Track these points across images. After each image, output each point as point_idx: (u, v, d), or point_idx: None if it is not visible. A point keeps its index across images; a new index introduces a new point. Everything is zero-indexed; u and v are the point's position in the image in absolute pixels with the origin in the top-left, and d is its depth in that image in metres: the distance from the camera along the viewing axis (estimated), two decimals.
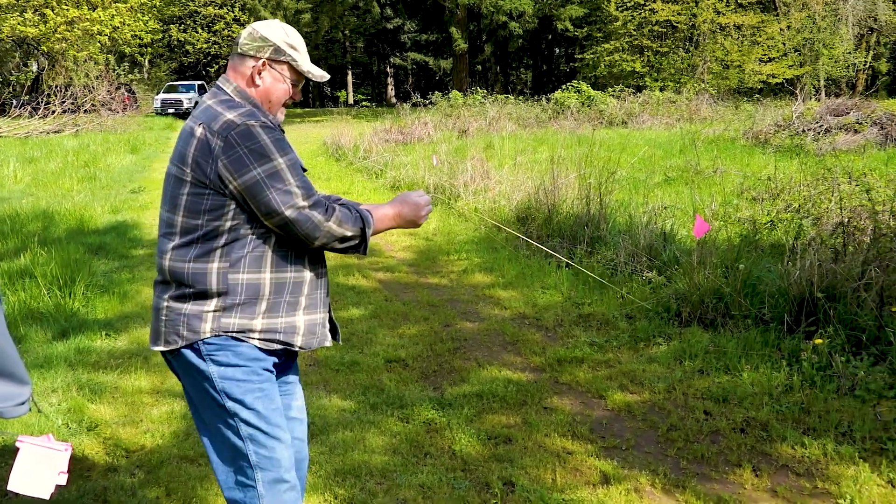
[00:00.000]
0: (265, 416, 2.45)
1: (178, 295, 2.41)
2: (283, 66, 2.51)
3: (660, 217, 7.64)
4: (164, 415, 4.39)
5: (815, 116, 15.37)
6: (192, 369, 2.45)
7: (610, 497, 3.41)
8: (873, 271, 4.95)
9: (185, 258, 2.39)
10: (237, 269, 2.39)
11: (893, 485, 3.45)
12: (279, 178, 2.32)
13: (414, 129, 20.04)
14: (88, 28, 31.64)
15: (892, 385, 4.28)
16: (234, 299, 2.39)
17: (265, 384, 2.47)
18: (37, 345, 5.51)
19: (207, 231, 2.37)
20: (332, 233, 2.38)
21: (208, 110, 2.41)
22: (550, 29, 39.61)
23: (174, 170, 2.43)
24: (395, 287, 7.12)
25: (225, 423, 2.45)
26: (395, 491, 3.51)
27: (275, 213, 2.33)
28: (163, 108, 35.15)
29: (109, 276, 7.38)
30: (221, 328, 2.39)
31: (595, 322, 5.87)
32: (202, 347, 2.41)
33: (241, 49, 2.49)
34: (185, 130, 2.44)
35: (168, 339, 2.44)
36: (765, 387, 4.46)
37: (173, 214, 2.41)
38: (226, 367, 2.41)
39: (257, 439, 2.44)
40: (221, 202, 2.35)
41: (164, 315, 2.44)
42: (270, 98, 2.51)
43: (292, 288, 2.46)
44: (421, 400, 4.50)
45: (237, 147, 2.32)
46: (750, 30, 31.62)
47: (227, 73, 2.53)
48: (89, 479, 3.66)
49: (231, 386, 2.42)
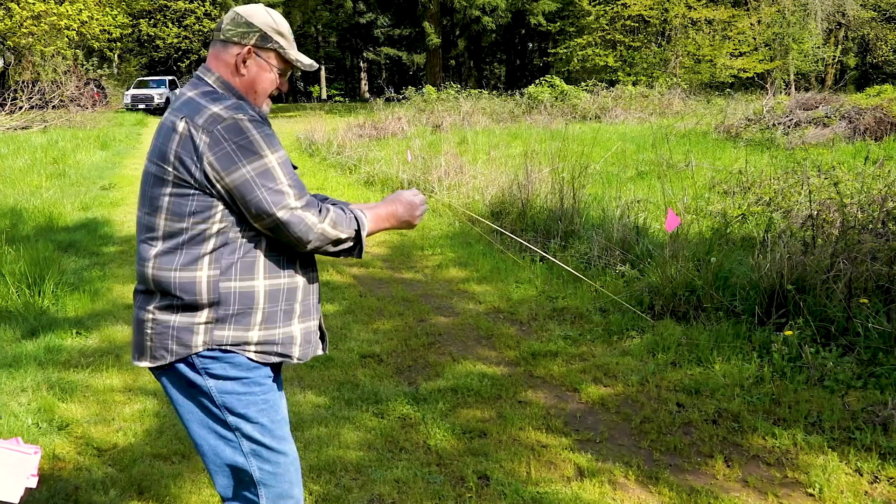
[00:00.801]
0: (270, 429, 2.30)
1: (165, 306, 2.22)
2: (269, 53, 2.32)
3: (632, 211, 7.69)
4: (136, 413, 4.35)
5: (786, 110, 15.56)
6: (186, 384, 2.27)
7: (584, 490, 3.43)
8: (841, 263, 5.02)
9: (171, 266, 2.20)
10: (229, 277, 2.20)
11: (861, 473, 3.51)
12: (270, 177, 2.15)
13: (388, 125, 20.01)
14: (55, 22, 31.28)
15: (859, 375, 4.36)
16: (228, 310, 2.21)
17: (269, 394, 2.31)
18: (5, 344, 5.43)
19: (193, 235, 2.19)
20: (326, 235, 2.21)
21: (190, 103, 2.22)
22: (524, 23, 39.69)
23: (153, 168, 2.23)
24: (370, 282, 7.10)
25: (225, 439, 2.28)
26: (370, 486, 3.51)
27: (265, 214, 2.15)
28: (133, 103, 34.83)
29: (80, 274, 7.30)
30: (215, 341, 2.21)
31: (569, 316, 5.90)
32: (196, 361, 2.23)
33: (223, 35, 2.30)
34: (164, 125, 2.24)
35: (155, 355, 2.25)
36: (736, 378, 4.51)
37: (154, 217, 2.23)
38: (224, 380, 2.24)
39: (261, 455, 2.29)
40: (208, 203, 2.17)
41: (150, 328, 2.25)
42: (256, 88, 2.34)
43: (287, 295, 2.29)
44: (396, 395, 4.50)
45: (224, 143, 2.13)
46: (721, 24, 31.90)
47: (207, 61, 2.34)
48: (60, 479, 3.62)
49: (232, 400, 2.25)
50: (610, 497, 3.37)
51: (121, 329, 5.77)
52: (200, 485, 3.53)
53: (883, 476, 3.47)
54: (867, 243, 5.13)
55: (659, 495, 3.40)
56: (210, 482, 3.50)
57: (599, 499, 3.36)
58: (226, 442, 2.29)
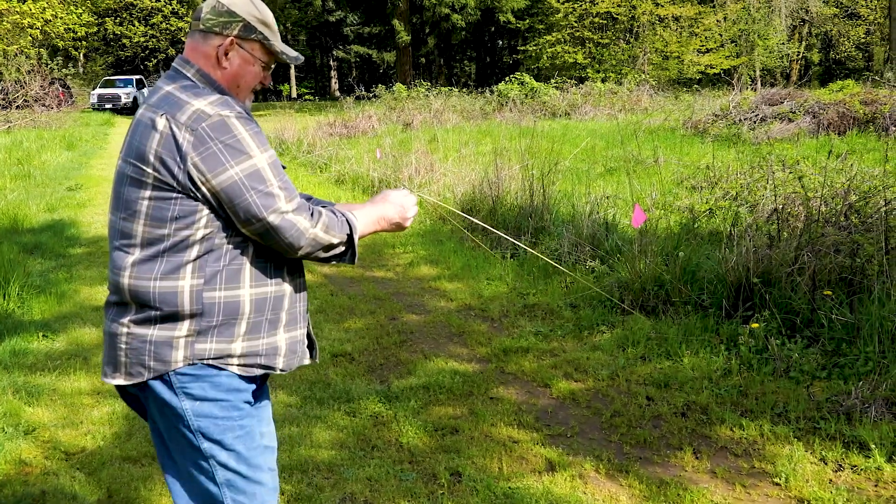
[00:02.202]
0: (246, 457, 2.13)
1: (142, 319, 2.05)
2: (253, 45, 2.16)
3: (602, 207, 7.73)
4: (104, 416, 4.31)
5: (751, 106, 15.69)
6: (160, 404, 2.10)
7: (555, 484, 3.45)
8: (806, 256, 5.09)
9: (151, 275, 2.03)
10: (213, 286, 2.04)
11: (826, 462, 3.56)
12: (260, 179, 2.00)
13: (358, 123, 19.96)
14: (18, 21, 30.90)
15: (824, 366, 4.42)
16: (210, 321, 2.05)
17: (245, 420, 2.14)
18: None
19: (176, 242, 2.02)
20: (318, 241, 2.07)
21: (169, 98, 2.04)
22: (493, 21, 39.74)
23: (129, 169, 2.05)
24: (341, 281, 7.08)
25: (198, 466, 2.12)
26: (343, 485, 3.50)
27: (255, 218, 2.00)
28: (100, 103, 34.46)
29: (46, 276, 7.21)
30: (196, 355, 2.05)
31: (540, 312, 5.93)
32: (173, 379, 2.06)
33: (203, 25, 2.12)
34: (141, 122, 2.06)
35: (131, 372, 2.08)
36: (704, 371, 4.56)
37: (131, 223, 2.05)
38: (202, 401, 2.07)
39: (235, 485, 2.13)
40: (192, 208, 2.00)
41: (125, 343, 2.07)
42: (239, 82, 2.17)
43: (273, 304, 2.14)
44: (367, 393, 4.49)
45: (210, 142, 1.97)
46: (688, 21, 32.19)
47: (185, 52, 2.17)
48: (27, 484, 3.57)
49: (208, 424, 2.08)
50: (581, 491, 3.40)
51: (88, 331, 5.70)
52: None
53: (847, 464, 3.53)
54: (830, 236, 5.21)
55: (629, 488, 3.43)
56: None
57: (570, 493, 3.38)
58: (199, 470, 2.13)
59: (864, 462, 3.52)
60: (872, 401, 3.94)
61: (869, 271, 4.93)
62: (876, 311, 4.51)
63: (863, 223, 5.35)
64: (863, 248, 5.06)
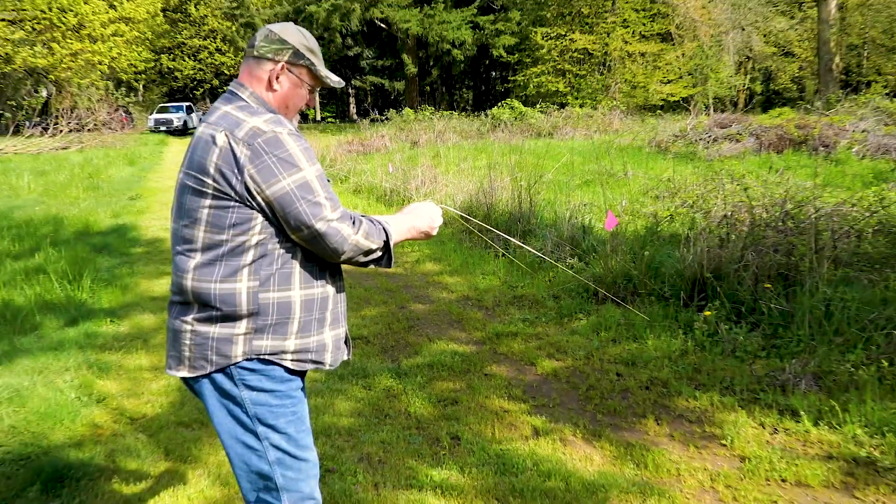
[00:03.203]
0: (295, 439, 2.05)
1: (204, 317, 1.96)
2: (301, 70, 2.07)
3: (579, 213, 7.74)
4: (161, 388, 4.34)
5: (705, 128, 15.67)
6: (221, 394, 2.02)
7: (540, 446, 3.48)
8: (750, 255, 5.10)
9: (211, 278, 1.93)
10: (267, 288, 1.95)
11: (764, 426, 3.58)
12: (309, 189, 1.90)
13: (372, 142, 19.93)
14: (90, 59, 31.30)
15: (764, 347, 4.43)
16: (266, 320, 1.96)
17: (297, 406, 2.06)
18: (51, 331, 5.38)
19: (234, 247, 1.92)
20: (360, 246, 1.97)
21: (227, 116, 1.95)
22: (487, 55, 39.62)
23: (190, 181, 1.95)
24: (358, 275, 7.10)
25: (253, 449, 2.03)
26: (360, 447, 3.52)
27: (304, 226, 1.90)
28: (156, 126, 34.46)
29: (112, 271, 7.23)
30: (254, 351, 1.97)
31: (527, 302, 5.94)
32: (234, 372, 1.98)
33: (257, 52, 2.03)
34: (201, 139, 1.96)
35: (195, 365, 1.99)
36: (665, 352, 4.58)
37: (192, 229, 1.95)
38: (259, 392, 2.00)
39: (285, 463, 2.04)
40: (248, 215, 1.91)
41: (189, 339, 1.98)
42: (288, 103, 2.08)
43: (320, 304, 2.04)
44: (381, 371, 4.51)
45: (265, 156, 1.88)
46: (652, 56, 32.08)
47: (240, 77, 2.07)
48: (99, 443, 3.60)
49: (263, 411, 2.00)
50: (561, 452, 3.42)
51: (147, 317, 5.73)
52: (217, 447, 3.53)
53: (781, 428, 3.55)
54: (770, 238, 5.22)
55: (601, 449, 3.45)
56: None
57: (552, 453, 3.40)
58: (253, 451, 2.03)
59: (795, 426, 3.54)
60: (803, 376, 3.96)
61: (801, 268, 4.94)
62: (807, 301, 4.52)
63: (797, 227, 5.35)
64: (797, 249, 5.07)
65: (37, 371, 4.55)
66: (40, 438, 3.65)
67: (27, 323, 5.53)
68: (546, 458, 3.34)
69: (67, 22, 30.25)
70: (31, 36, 30.07)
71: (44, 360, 4.73)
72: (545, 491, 3.06)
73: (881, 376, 3.86)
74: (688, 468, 3.23)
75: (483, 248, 7.59)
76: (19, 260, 7.50)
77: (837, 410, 3.59)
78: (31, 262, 7.21)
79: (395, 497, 3.06)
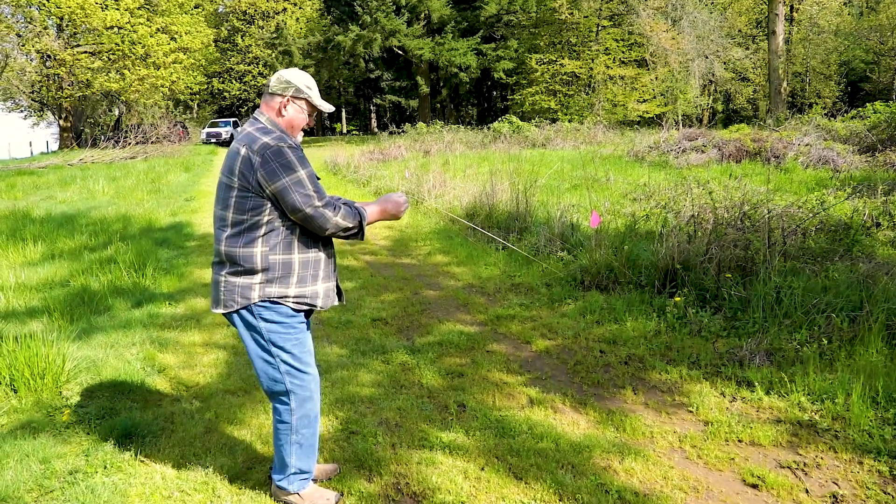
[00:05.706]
0: (299, 356, 2.47)
1: (233, 272, 2.39)
2: (302, 101, 2.48)
3: (569, 213, 7.71)
4: (212, 361, 4.35)
5: (676, 141, 15.57)
6: (245, 325, 2.44)
7: (534, 413, 3.47)
8: (713, 249, 5.07)
9: (237, 245, 2.36)
10: (275, 252, 2.36)
11: (724, 395, 3.56)
12: (301, 185, 2.30)
13: (390, 151, 19.87)
14: (154, 83, 31.86)
15: (725, 328, 4.41)
16: (274, 274, 2.37)
17: (300, 334, 2.47)
18: (120, 312, 5.41)
19: (251, 224, 2.34)
20: (339, 225, 2.37)
21: (249, 135, 2.38)
22: (489, 77, 39.44)
23: (224, 179, 2.39)
24: (378, 266, 7.10)
25: (269, 362, 2.45)
26: (379, 413, 3.53)
27: (298, 210, 2.31)
28: (207, 139, 34.50)
29: (170, 262, 7.26)
30: (266, 295, 2.38)
31: (523, 289, 5.92)
32: (253, 309, 2.39)
33: (271, 90, 2.46)
34: (232, 150, 2.40)
35: (227, 304, 2.42)
36: (641, 332, 4.55)
37: (225, 212, 2.38)
38: (271, 323, 2.41)
39: (292, 373, 2.46)
40: (261, 202, 2.32)
41: (223, 287, 2.41)
42: (293, 125, 2.48)
43: (314, 264, 2.44)
44: (397, 347, 4.51)
45: (271, 162, 2.29)
46: (630, 79, 31.86)
47: (261, 107, 2.49)
48: (161, 407, 3.62)
49: (275, 337, 2.42)
50: (552, 418, 3.41)
51: (200, 301, 5.75)
52: (258, 411, 3.54)
53: (739, 396, 3.53)
54: (730, 235, 5.18)
55: (587, 416, 3.44)
56: (266, 409, 3.52)
57: (544, 419, 3.39)
58: (269, 364, 2.45)
59: (750, 395, 3.52)
60: (757, 352, 3.94)
61: (756, 260, 4.91)
62: (761, 289, 4.49)
63: (752, 226, 5.31)
64: (752, 244, 5.04)
65: (109, 345, 4.58)
66: (113, 401, 3.67)
67: (101, 305, 5.56)
68: (539, 423, 3.33)
69: (136, 52, 30.73)
70: (106, 65, 30.49)
71: (115, 336, 4.76)
72: (538, 451, 3.05)
73: (821, 352, 3.85)
74: (660, 431, 3.21)
75: (486, 243, 7.57)
76: (95, 252, 7.54)
77: (785, 381, 3.58)
78: (105, 254, 7.24)
79: (409, 455, 3.05)
